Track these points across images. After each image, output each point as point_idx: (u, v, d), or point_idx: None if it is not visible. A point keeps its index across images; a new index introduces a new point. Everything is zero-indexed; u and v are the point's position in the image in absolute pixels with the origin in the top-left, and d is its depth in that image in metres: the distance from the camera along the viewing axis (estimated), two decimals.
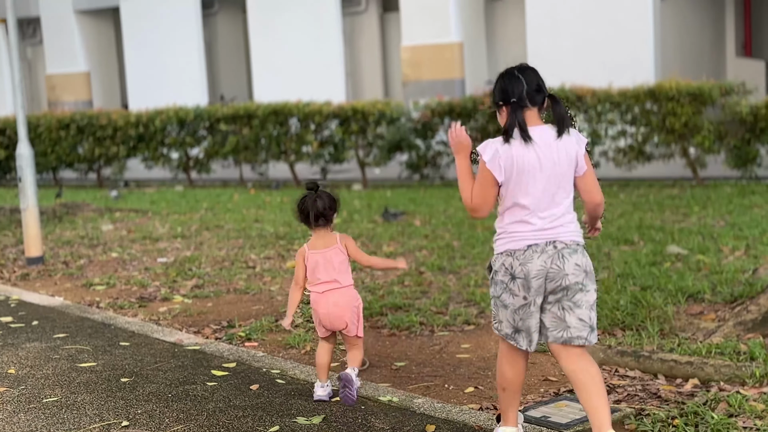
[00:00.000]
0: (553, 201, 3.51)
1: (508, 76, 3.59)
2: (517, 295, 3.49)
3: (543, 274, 3.46)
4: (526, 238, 3.49)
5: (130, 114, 15.56)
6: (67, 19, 22.03)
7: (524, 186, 3.49)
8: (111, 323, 5.93)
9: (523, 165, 3.48)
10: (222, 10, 21.88)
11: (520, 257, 3.48)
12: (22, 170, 8.15)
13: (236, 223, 10.23)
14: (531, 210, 3.50)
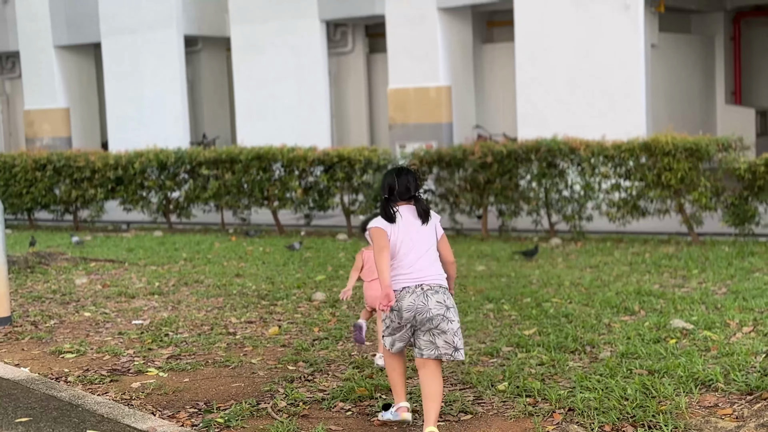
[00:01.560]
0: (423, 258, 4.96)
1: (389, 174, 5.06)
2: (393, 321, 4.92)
3: (413, 308, 4.83)
4: (401, 282, 4.91)
5: (108, 156, 15.15)
6: (47, 54, 21.68)
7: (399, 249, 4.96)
8: (79, 403, 5.49)
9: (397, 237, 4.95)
10: (205, 48, 21.58)
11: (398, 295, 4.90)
12: None
13: (216, 278, 9.82)
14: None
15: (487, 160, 12.08)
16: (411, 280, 4.85)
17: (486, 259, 10.51)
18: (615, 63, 15.06)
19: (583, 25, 15.24)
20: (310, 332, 7.23)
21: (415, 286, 4.84)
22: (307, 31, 18.20)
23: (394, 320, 4.89)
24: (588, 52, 15.26)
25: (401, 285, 4.87)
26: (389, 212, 4.94)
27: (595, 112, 15.10)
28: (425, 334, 4.80)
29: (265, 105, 18.77)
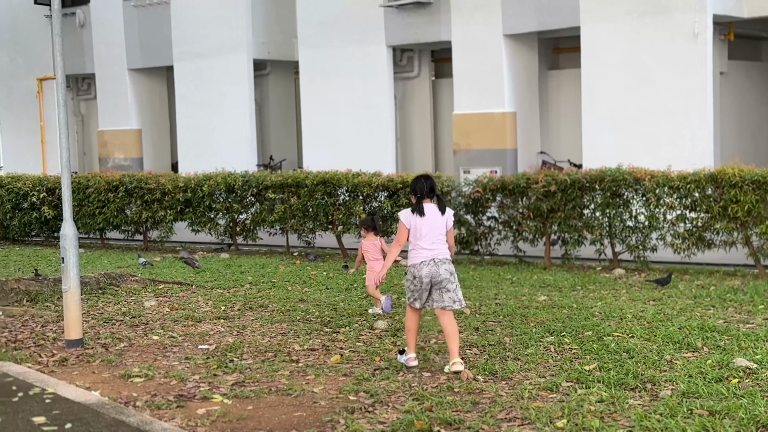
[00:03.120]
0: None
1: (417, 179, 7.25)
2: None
3: (429, 275, 7.05)
4: (420, 257, 7.08)
5: (178, 178, 15.50)
6: (121, 76, 22.23)
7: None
8: (147, 429, 5.66)
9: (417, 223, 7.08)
10: (274, 71, 21.94)
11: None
12: (66, 251, 7.99)
13: (280, 303, 9.99)
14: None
15: (551, 188, 12.09)
16: (426, 255, 7.04)
17: (548, 288, 10.51)
18: (682, 91, 14.96)
19: (650, 52, 15.18)
20: (371, 362, 7.33)
21: (429, 259, 7.04)
22: (374, 57, 18.41)
23: (417, 285, 7.09)
24: (655, 79, 15.18)
25: (420, 259, 7.06)
26: (421, 208, 7.06)
27: (661, 142, 15.00)
28: (437, 292, 7.06)
29: (331, 129, 19.01)
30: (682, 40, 14.89)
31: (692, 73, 14.86)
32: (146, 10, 21.68)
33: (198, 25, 20.49)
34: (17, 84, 24.49)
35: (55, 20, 8.21)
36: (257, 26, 20.08)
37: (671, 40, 15.00)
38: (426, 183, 7.14)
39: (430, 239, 7.05)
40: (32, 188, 16.92)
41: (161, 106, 23.08)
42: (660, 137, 15.08)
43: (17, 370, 7.28)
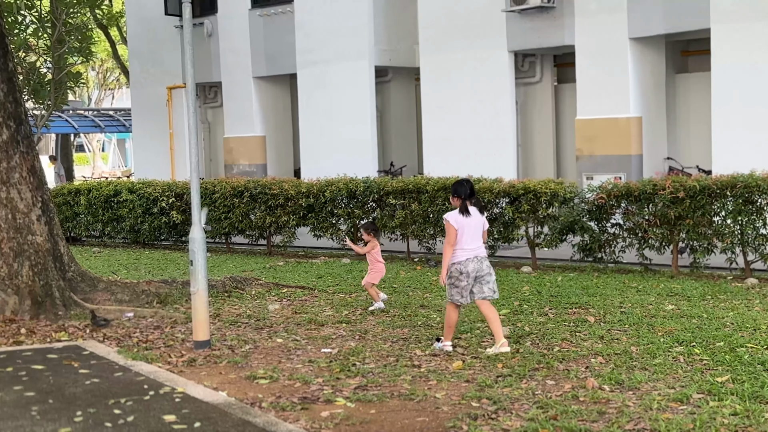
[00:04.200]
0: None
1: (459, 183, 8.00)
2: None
3: (475, 270, 7.90)
4: (465, 254, 7.88)
5: (301, 184, 15.74)
6: (246, 84, 22.73)
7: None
8: (272, 430, 5.74)
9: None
10: (395, 78, 22.05)
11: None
12: (194, 254, 8.20)
13: (402, 308, 10.01)
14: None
15: (679, 195, 11.76)
16: (471, 253, 7.89)
17: (676, 297, 10.21)
18: None
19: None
20: (493, 368, 7.26)
21: (473, 257, 7.90)
22: (496, 62, 18.29)
23: (463, 280, 7.89)
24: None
25: (465, 257, 7.87)
26: (467, 209, 7.87)
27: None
28: (479, 285, 7.95)
29: (451, 135, 18.97)
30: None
31: None
32: (271, 19, 22.12)
33: (321, 33, 20.78)
34: (148, 92, 25.32)
35: (186, 29, 8.45)
36: (379, 33, 20.23)
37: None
38: (468, 186, 7.91)
39: (472, 238, 7.88)
40: (161, 193, 17.46)
41: (284, 113, 23.49)
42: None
43: (148, 369, 7.51)
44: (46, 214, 10.38)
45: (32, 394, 6.71)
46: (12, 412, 6.23)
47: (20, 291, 9.90)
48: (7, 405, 6.43)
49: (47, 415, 6.15)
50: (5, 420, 6.04)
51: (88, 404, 6.39)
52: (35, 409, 6.29)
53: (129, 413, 6.13)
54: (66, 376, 7.30)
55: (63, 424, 5.91)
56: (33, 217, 10.16)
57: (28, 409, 6.31)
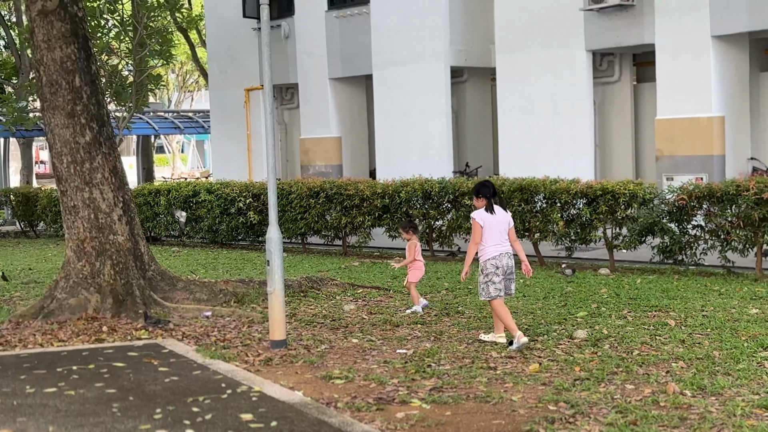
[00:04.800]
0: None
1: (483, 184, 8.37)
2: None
3: (507, 264, 8.26)
4: (495, 250, 8.20)
5: (376, 185, 15.77)
6: (323, 86, 22.86)
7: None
8: (348, 430, 5.75)
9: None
10: (471, 78, 21.95)
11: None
12: (271, 254, 8.26)
13: (477, 310, 9.94)
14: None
15: (764, 196, 11.45)
16: (502, 248, 8.20)
17: (760, 301, 9.94)
18: None
19: None
20: (571, 371, 7.16)
21: (505, 252, 8.22)
22: (573, 61, 18.08)
23: (499, 274, 8.19)
24: None
25: (497, 252, 8.20)
26: (492, 207, 8.20)
27: None
28: (507, 281, 8.28)
29: (527, 135, 18.81)
30: None
31: None
32: (347, 21, 22.21)
33: (396, 34, 20.79)
34: (226, 94, 25.65)
35: (263, 31, 8.52)
36: (455, 34, 20.15)
37: None
38: (491, 186, 8.30)
39: (498, 235, 8.22)
40: (239, 194, 17.67)
41: (360, 114, 23.57)
42: None
43: (226, 368, 7.59)
44: (127, 214, 10.57)
45: (113, 391, 6.84)
46: (94, 409, 6.35)
47: (102, 289, 10.11)
48: (89, 402, 6.56)
49: (128, 412, 6.26)
50: (87, 416, 6.17)
51: (167, 402, 6.48)
52: (116, 406, 6.40)
53: (207, 411, 6.20)
54: (146, 373, 7.42)
55: (143, 421, 6.00)
56: (114, 216, 10.37)
57: (109, 405, 6.43)
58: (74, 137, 10.27)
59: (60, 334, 9.19)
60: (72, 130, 10.27)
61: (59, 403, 6.51)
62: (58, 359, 8.06)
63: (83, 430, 5.84)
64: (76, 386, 7.01)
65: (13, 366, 7.82)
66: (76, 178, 10.28)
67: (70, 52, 10.27)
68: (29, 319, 9.89)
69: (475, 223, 8.21)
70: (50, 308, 10.01)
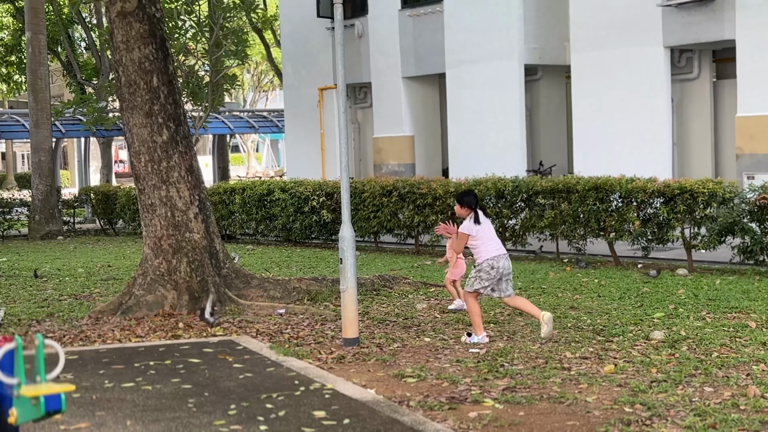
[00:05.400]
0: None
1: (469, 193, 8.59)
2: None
3: (505, 266, 8.42)
4: (495, 251, 8.40)
5: (449, 183, 15.72)
6: (396, 84, 22.88)
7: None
8: (420, 429, 5.73)
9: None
10: (545, 76, 21.75)
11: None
12: (344, 252, 8.29)
13: (551, 310, 9.81)
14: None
15: None
16: (499, 251, 8.36)
17: None
18: None
19: None
20: (647, 373, 7.03)
21: (503, 254, 8.39)
22: (651, 58, 17.77)
23: (494, 275, 8.32)
24: None
25: (496, 252, 8.35)
26: (479, 217, 8.35)
27: None
28: (504, 283, 8.40)
29: (603, 133, 18.56)
30: None
31: None
32: (420, 20, 22.20)
33: (470, 32, 20.70)
34: (300, 94, 25.85)
35: (337, 30, 8.55)
36: (529, 31, 19.98)
37: None
38: (474, 196, 8.51)
39: (494, 239, 8.41)
40: (312, 193, 17.79)
41: (433, 112, 23.53)
42: None
43: (299, 365, 7.64)
44: (203, 212, 10.72)
45: (189, 387, 6.94)
46: (170, 404, 6.45)
47: (178, 286, 10.27)
48: (166, 397, 6.67)
49: (203, 407, 6.34)
50: (164, 411, 6.26)
51: (241, 398, 6.55)
52: (192, 402, 6.49)
53: (280, 408, 6.25)
54: (221, 369, 7.51)
55: (218, 417, 6.07)
56: (191, 215, 10.52)
57: (185, 401, 6.53)
58: (152, 136, 10.45)
59: (137, 330, 9.37)
60: (149, 129, 10.45)
61: (137, 398, 6.63)
62: (136, 354, 8.21)
63: (160, 424, 5.94)
64: (153, 381, 7.13)
65: (92, 361, 7.99)
66: (154, 176, 10.45)
67: (148, 53, 10.45)
68: (108, 315, 10.09)
69: (463, 235, 8.41)
70: (128, 304, 10.20)
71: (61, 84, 47.33)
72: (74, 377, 7.28)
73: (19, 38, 34.71)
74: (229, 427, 5.84)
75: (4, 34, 39.07)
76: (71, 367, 7.64)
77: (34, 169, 23.91)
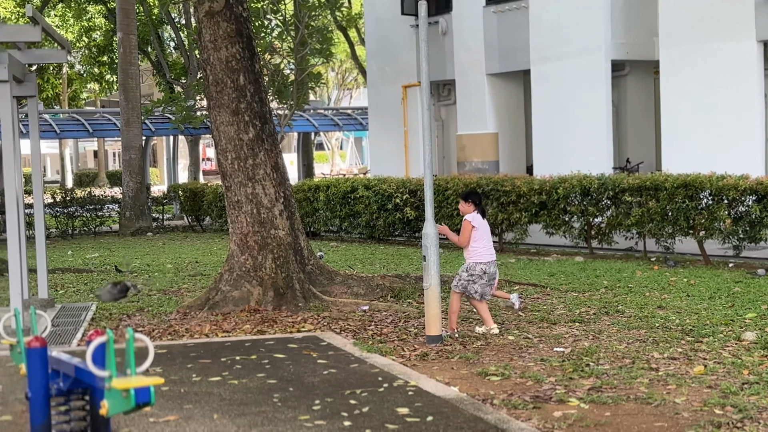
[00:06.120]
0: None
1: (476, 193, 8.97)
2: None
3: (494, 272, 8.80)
4: (488, 257, 8.71)
5: (533, 181, 15.58)
6: (480, 81, 22.76)
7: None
8: (505, 428, 5.69)
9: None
10: (632, 71, 21.36)
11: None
12: (427, 249, 8.28)
13: (638, 309, 9.67)
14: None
15: None
16: (492, 257, 8.71)
17: None
18: None
19: None
20: (738, 374, 6.87)
21: (494, 260, 8.74)
22: (742, 52, 17.30)
23: (484, 279, 8.64)
24: None
25: (489, 258, 8.67)
26: (485, 213, 8.84)
27: None
28: (489, 287, 8.76)
29: (693, 130, 18.14)
30: None
31: None
32: (505, 16, 22.03)
33: (555, 27, 20.46)
34: (384, 91, 25.90)
35: (421, 27, 8.55)
36: (616, 27, 19.65)
37: None
38: (479, 195, 8.89)
39: (489, 241, 8.75)
40: (396, 190, 17.82)
41: (517, 109, 23.33)
42: None
43: (382, 362, 7.66)
44: (288, 209, 10.83)
45: (274, 382, 7.02)
46: (255, 398, 6.54)
47: (264, 282, 10.40)
48: (251, 391, 6.76)
49: (287, 402, 6.41)
50: (249, 405, 6.35)
51: (325, 393, 6.60)
52: (277, 396, 6.57)
53: (364, 404, 6.27)
54: (305, 365, 7.58)
55: (302, 412, 6.13)
56: (276, 212, 10.64)
57: (270, 395, 6.61)
58: (238, 134, 10.60)
59: (224, 325, 9.52)
60: (236, 127, 10.60)
61: (223, 392, 6.74)
62: (222, 349, 8.35)
63: (246, 418, 6.02)
64: (239, 376, 7.23)
65: (180, 355, 8.14)
66: (240, 174, 10.60)
67: (234, 52, 10.60)
68: (195, 310, 10.28)
69: (468, 224, 8.64)
70: (215, 300, 10.37)
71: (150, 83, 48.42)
72: (163, 371, 7.43)
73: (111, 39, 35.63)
74: (314, 422, 5.89)
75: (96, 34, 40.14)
76: (160, 360, 7.81)
77: (125, 166, 24.49)
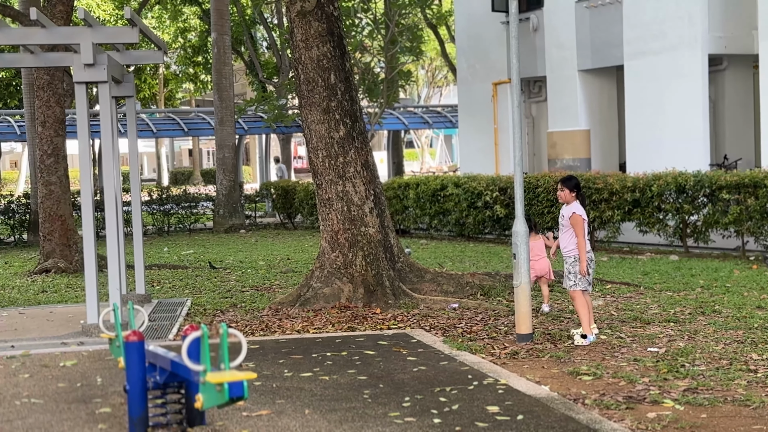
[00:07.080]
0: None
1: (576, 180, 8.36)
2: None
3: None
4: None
5: (626, 178, 15.32)
6: (571, 78, 22.48)
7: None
8: (597, 428, 5.61)
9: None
10: (730, 66, 20.82)
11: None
12: (517, 247, 8.23)
13: (735, 309, 9.43)
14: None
15: None
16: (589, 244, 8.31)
17: None
18: None
19: None
20: None
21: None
22: None
23: (592, 266, 8.25)
24: None
25: (589, 246, 8.25)
26: (584, 200, 8.41)
27: None
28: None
29: None
30: None
31: None
32: (598, 11, 21.71)
33: (650, 22, 20.07)
34: (474, 89, 25.81)
35: (512, 23, 8.49)
36: (713, 20, 19.18)
37: None
38: (578, 181, 8.34)
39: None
40: (486, 188, 17.74)
41: (610, 106, 22.97)
42: None
43: (472, 360, 7.64)
44: (378, 207, 10.88)
45: (364, 378, 7.06)
46: (346, 394, 6.59)
47: (354, 279, 10.47)
48: (342, 387, 6.81)
49: (378, 398, 6.44)
50: (340, 401, 6.40)
51: (415, 391, 6.61)
52: (367, 393, 6.61)
53: (453, 402, 6.26)
54: (395, 362, 7.61)
55: (392, 409, 6.15)
56: (366, 209, 10.70)
57: (360, 392, 6.65)
58: (329, 132, 10.69)
59: (315, 322, 9.62)
60: (327, 125, 10.69)
61: (314, 387, 6.81)
62: (314, 345, 8.43)
63: (336, 414, 6.07)
64: (330, 372, 7.30)
65: (272, 350, 8.25)
66: (331, 171, 10.69)
67: (326, 51, 10.69)
68: (287, 307, 10.41)
69: (579, 218, 8.17)
70: (306, 296, 10.48)
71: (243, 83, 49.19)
72: (255, 366, 7.55)
73: (205, 39, 36.31)
74: (404, 419, 5.90)
75: (191, 35, 40.97)
76: (253, 356, 7.93)
77: (219, 164, 24.94)
